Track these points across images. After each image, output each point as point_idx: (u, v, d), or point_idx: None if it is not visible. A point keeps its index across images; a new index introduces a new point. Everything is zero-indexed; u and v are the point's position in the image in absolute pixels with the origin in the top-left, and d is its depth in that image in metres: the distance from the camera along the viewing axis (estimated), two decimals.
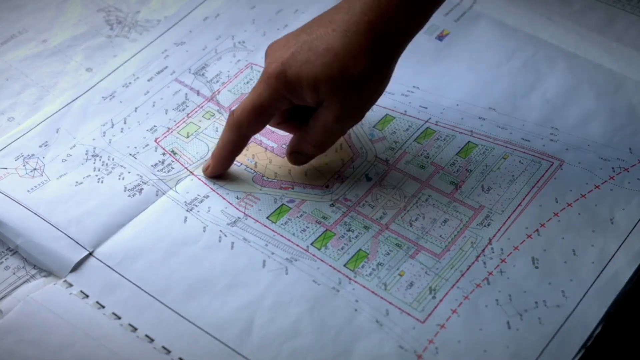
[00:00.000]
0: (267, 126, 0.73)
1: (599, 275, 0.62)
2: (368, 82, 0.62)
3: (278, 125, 0.69)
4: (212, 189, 0.68)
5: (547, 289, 0.61)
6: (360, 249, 0.64)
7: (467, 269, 0.63)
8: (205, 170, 0.69)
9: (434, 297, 0.61)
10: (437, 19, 0.78)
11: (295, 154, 0.68)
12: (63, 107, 0.74)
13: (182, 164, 0.70)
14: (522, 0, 0.81)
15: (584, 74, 0.76)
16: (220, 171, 0.69)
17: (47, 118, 0.73)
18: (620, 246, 0.63)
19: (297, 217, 0.66)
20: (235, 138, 0.67)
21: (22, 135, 0.72)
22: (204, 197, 0.67)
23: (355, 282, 0.62)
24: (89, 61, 0.79)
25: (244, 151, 0.70)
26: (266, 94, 0.63)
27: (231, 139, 0.67)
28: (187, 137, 0.72)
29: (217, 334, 0.60)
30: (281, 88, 0.63)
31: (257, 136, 0.72)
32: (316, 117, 0.64)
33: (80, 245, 0.64)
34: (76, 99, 0.75)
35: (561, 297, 0.61)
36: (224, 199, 0.67)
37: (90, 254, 0.64)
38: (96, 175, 0.69)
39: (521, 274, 0.62)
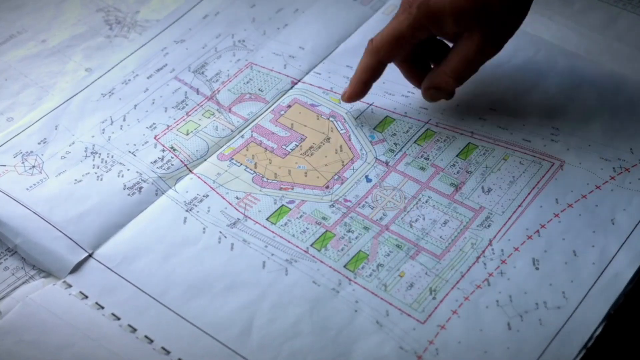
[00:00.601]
0: (274, 127, 0.73)
1: (599, 276, 0.62)
2: (509, 15, 0.64)
3: (402, 63, 0.71)
4: (211, 187, 0.68)
5: (547, 290, 0.61)
6: (360, 250, 0.64)
7: (468, 270, 0.62)
8: (343, 96, 0.71)
9: (434, 298, 0.61)
10: None
11: (433, 90, 0.69)
12: (62, 104, 0.74)
13: (181, 161, 0.70)
14: None
15: (584, 74, 0.75)
16: (357, 97, 0.71)
17: (46, 115, 0.73)
18: (621, 247, 0.63)
19: (296, 218, 0.66)
20: (374, 63, 0.68)
21: (21, 131, 0.72)
22: (204, 196, 0.67)
23: (355, 283, 0.62)
24: (88, 61, 0.79)
25: (244, 151, 0.70)
26: (407, 23, 0.65)
27: (369, 65, 0.69)
28: (187, 134, 0.72)
29: (217, 335, 0.60)
30: (423, 17, 0.64)
31: (257, 137, 0.71)
32: (456, 49, 0.66)
33: (79, 246, 0.64)
34: (75, 95, 0.75)
35: (562, 298, 0.61)
36: (224, 198, 0.67)
37: (90, 255, 0.64)
38: (95, 173, 0.69)
39: (522, 275, 0.62)
